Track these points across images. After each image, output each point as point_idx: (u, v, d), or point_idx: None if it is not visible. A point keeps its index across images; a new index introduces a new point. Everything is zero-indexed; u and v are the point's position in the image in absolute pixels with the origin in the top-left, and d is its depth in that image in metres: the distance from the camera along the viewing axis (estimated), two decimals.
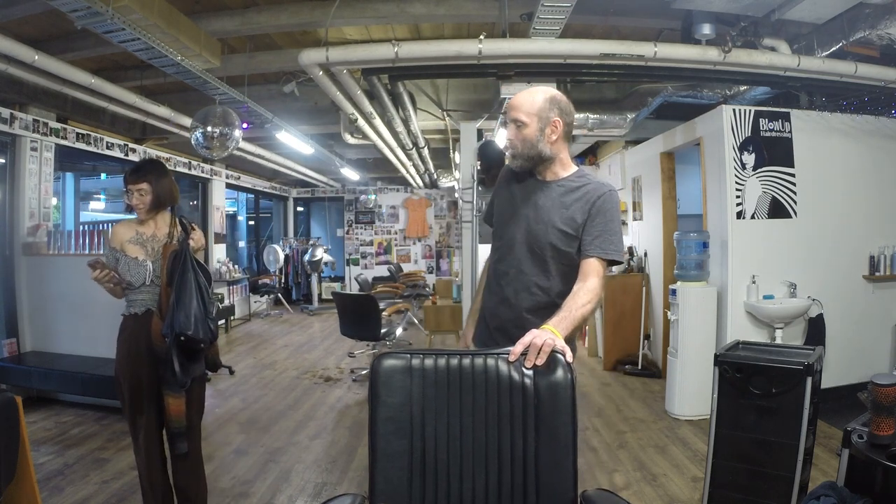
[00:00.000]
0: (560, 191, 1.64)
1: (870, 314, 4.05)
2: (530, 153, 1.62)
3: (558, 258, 1.61)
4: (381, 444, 1.26)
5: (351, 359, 5.69)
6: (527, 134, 1.60)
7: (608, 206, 1.59)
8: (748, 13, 3.15)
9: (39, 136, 4.40)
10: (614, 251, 1.58)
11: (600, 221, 1.57)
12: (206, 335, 2.10)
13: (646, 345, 5.10)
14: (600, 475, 2.91)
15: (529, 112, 1.59)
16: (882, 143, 4.10)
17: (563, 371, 1.30)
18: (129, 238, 2.21)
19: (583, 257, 1.58)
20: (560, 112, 1.61)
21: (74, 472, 2.94)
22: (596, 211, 1.58)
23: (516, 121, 1.60)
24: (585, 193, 1.61)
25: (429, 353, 1.32)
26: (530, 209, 1.66)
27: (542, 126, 1.59)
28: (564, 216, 1.60)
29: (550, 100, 1.61)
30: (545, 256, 1.62)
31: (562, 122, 1.61)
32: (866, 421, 1.69)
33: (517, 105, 1.61)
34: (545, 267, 1.62)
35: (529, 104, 1.60)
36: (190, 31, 3.29)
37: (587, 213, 1.58)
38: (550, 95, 1.62)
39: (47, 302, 4.24)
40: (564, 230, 1.60)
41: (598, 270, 1.55)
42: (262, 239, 10.94)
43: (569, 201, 1.62)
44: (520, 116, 1.60)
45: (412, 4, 3.34)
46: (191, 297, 2.08)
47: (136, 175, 2.17)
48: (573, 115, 1.67)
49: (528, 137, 1.60)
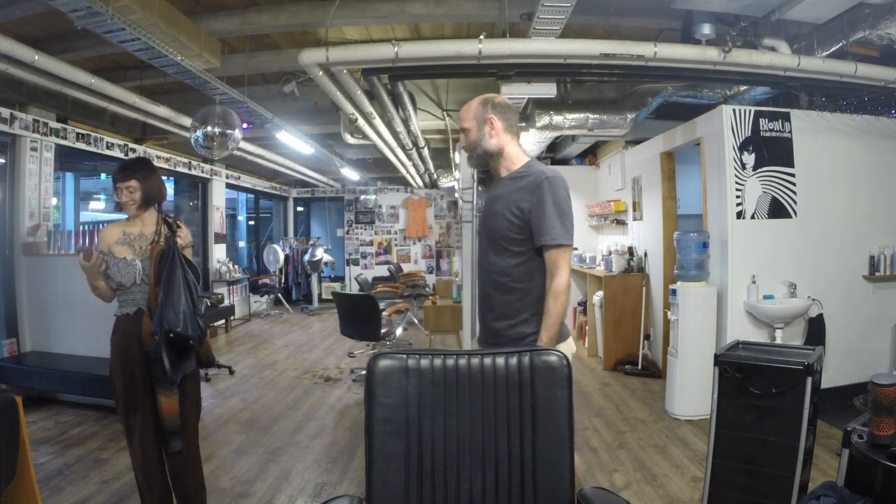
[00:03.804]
0: (512, 184, 1.80)
1: (870, 314, 4.05)
2: (477, 152, 1.83)
3: (512, 245, 1.75)
4: (377, 445, 1.26)
5: (351, 359, 5.69)
6: (471, 137, 1.81)
7: (550, 191, 1.71)
8: (748, 13, 3.15)
9: (39, 136, 4.40)
10: (561, 235, 1.70)
11: (543, 209, 1.70)
12: (196, 332, 2.11)
13: (646, 345, 5.10)
14: (600, 475, 2.90)
15: (468, 118, 1.82)
16: (882, 143, 4.10)
17: (560, 370, 1.30)
18: (117, 239, 2.23)
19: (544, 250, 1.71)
20: (494, 109, 1.79)
21: (74, 472, 2.94)
22: (538, 199, 1.70)
23: (463, 129, 1.84)
24: (529, 183, 1.75)
25: (425, 353, 1.32)
26: (490, 204, 1.85)
27: (481, 126, 1.80)
28: (512, 206, 1.74)
29: (483, 102, 1.81)
30: (501, 245, 1.77)
31: (497, 119, 1.79)
32: (866, 421, 1.68)
33: (461, 116, 1.85)
34: (503, 255, 1.77)
35: (468, 111, 1.83)
36: (190, 31, 3.29)
37: (531, 201, 1.71)
38: (484, 98, 1.83)
39: (47, 302, 4.24)
40: (512, 220, 1.73)
41: (558, 261, 1.70)
42: (262, 239, 10.94)
43: (516, 191, 1.76)
44: (464, 124, 1.83)
45: (412, 4, 3.33)
46: (179, 294, 2.09)
47: (125, 173, 2.20)
48: (511, 110, 1.84)
49: (473, 139, 1.81)
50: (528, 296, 1.75)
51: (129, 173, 2.20)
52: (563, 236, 1.70)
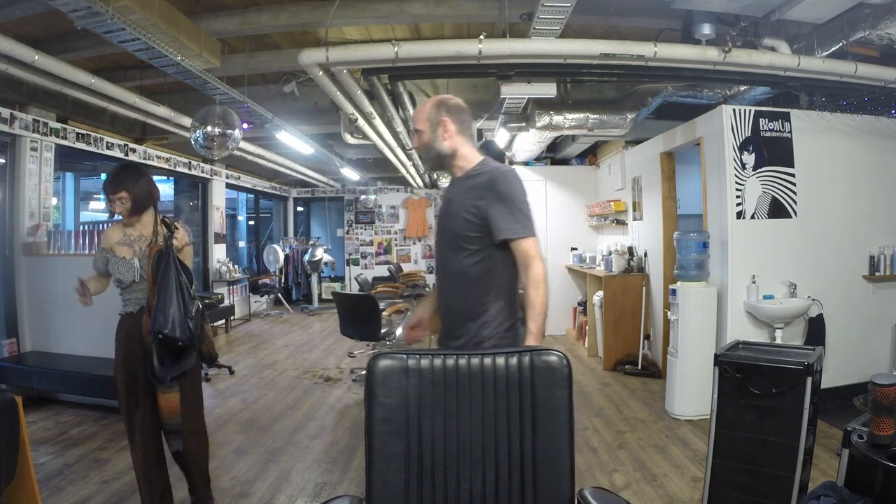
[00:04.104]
0: (466, 183, 1.79)
1: (870, 314, 4.05)
2: (431, 153, 1.82)
3: (470, 244, 1.72)
4: (377, 446, 1.26)
5: (351, 359, 5.69)
6: (424, 139, 1.81)
7: (504, 187, 1.70)
8: (748, 13, 3.15)
9: (39, 136, 4.40)
10: (522, 228, 1.69)
11: (499, 204, 1.68)
12: (184, 334, 2.14)
13: (646, 345, 5.10)
14: (600, 475, 2.91)
15: (421, 120, 1.80)
16: (882, 143, 4.10)
17: (560, 370, 1.30)
18: (118, 240, 2.30)
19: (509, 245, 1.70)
20: (448, 112, 1.79)
21: (74, 472, 2.94)
22: (494, 195, 1.69)
23: (416, 130, 1.83)
24: (482, 180, 1.74)
25: (425, 353, 1.32)
26: (446, 205, 1.85)
27: (434, 128, 1.78)
28: (468, 205, 1.73)
29: (436, 104, 1.81)
30: (459, 245, 1.74)
31: (451, 121, 1.78)
32: (866, 421, 1.68)
33: (414, 117, 1.85)
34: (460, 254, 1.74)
35: (421, 113, 1.82)
36: (190, 31, 3.29)
37: (486, 197, 1.70)
38: (437, 100, 1.82)
39: (47, 302, 4.24)
40: (469, 218, 1.72)
41: (527, 253, 1.68)
42: (262, 239, 10.94)
43: (471, 190, 1.75)
44: (417, 125, 1.82)
45: (412, 4, 3.33)
46: (171, 296, 2.14)
47: (113, 185, 2.25)
48: (465, 112, 1.83)
49: (425, 142, 1.81)
50: (488, 295, 1.72)
51: (117, 184, 2.24)
52: (524, 229, 1.70)
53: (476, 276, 1.72)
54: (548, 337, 6.21)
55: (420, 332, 1.97)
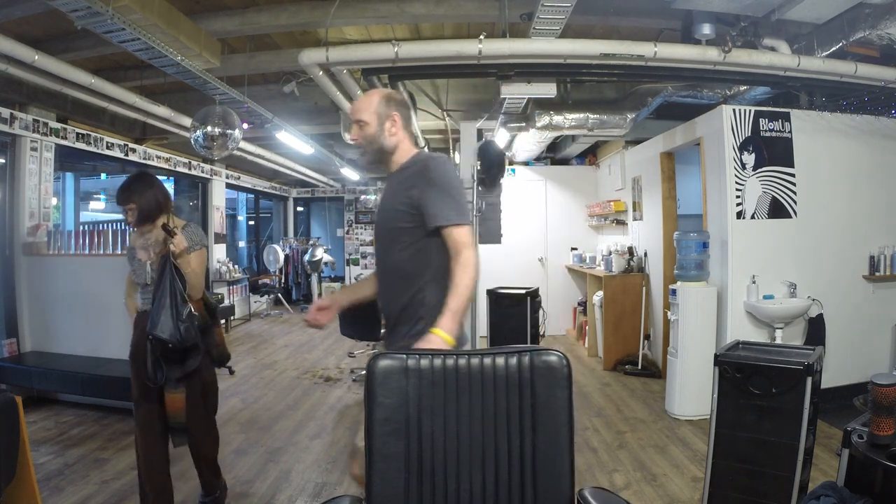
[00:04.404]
0: (400, 176, 1.75)
1: (870, 314, 4.05)
2: (374, 147, 1.74)
3: (404, 236, 1.68)
4: (377, 446, 1.26)
5: (351, 359, 5.69)
6: (369, 132, 1.73)
7: (436, 174, 1.65)
8: (748, 13, 3.15)
9: (39, 136, 4.40)
10: (456, 215, 1.62)
11: (433, 191, 1.63)
12: (173, 337, 2.21)
13: (646, 345, 5.10)
14: (600, 475, 2.90)
15: (368, 111, 1.73)
16: (882, 143, 4.10)
17: (560, 370, 1.29)
18: (140, 243, 2.42)
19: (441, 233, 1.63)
20: (396, 106, 1.75)
21: (74, 472, 2.94)
22: (426, 182, 1.64)
23: (359, 121, 1.74)
24: (414, 171, 1.70)
25: (425, 353, 1.32)
26: (383, 202, 1.81)
27: (382, 122, 1.73)
28: (402, 196, 1.68)
29: (387, 98, 1.76)
30: (395, 238, 1.69)
31: (399, 116, 1.75)
32: (866, 421, 1.68)
33: (359, 108, 1.76)
34: (396, 248, 1.69)
35: (368, 104, 1.74)
36: (190, 31, 3.29)
37: (418, 186, 1.65)
38: (386, 94, 1.78)
39: (47, 302, 4.24)
40: (402, 210, 1.67)
41: (459, 240, 1.61)
42: (262, 239, 10.93)
43: (404, 181, 1.71)
44: (361, 116, 1.73)
45: (412, 4, 3.33)
46: (164, 300, 2.23)
47: (123, 197, 2.35)
48: (409, 108, 1.81)
49: (371, 134, 1.73)
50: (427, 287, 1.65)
51: (126, 196, 2.35)
52: (457, 216, 1.62)
53: (413, 269, 1.67)
54: (548, 337, 6.21)
55: (326, 317, 1.86)
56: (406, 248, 1.67)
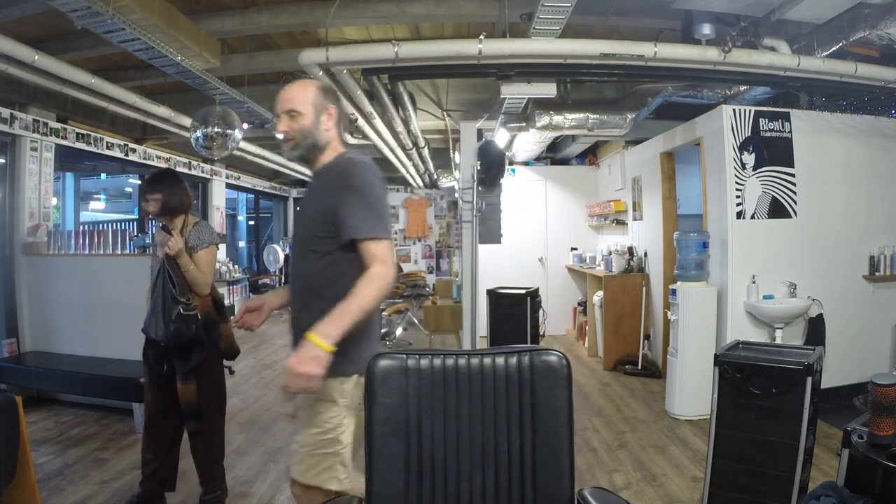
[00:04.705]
0: (320, 178, 1.64)
1: (870, 314, 4.05)
2: (307, 142, 1.61)
3: (320, 246, 1.54)
4: (377, 445, 1.26)
5: None
6: (303, 123, 1.59)
7: (357, 180, 1.51)
8: (748, 13, 3.15)
9: (39, 136, 4.40)
10: (374, 227, 1.48)
11: (351, 199, 1.49)
12: (161, 335, 2.33)
13: (646, 345, 5.10)
14: (600, 475, 2.91)
15: (304, 102, 1.60)
16: (882, 143, 4.10)
17: (560, 370, 1.30)
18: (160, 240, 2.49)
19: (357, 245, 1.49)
20: (333, 99, 1.64)
21: (74, 472, 2.94)
22: (345, 189, 1.51)
23: (291, 111, 1.60)
24: (334, 175, 1.57)
25: (424, 353, 1.32)
26: (301, 204, 1.71)
27: (318, 114, 1.60)
28: (318, 202, 1.57)
29: (324, 89, 1.64)
30: (309, 247, 1.57)
31: (335, 110, 1.64)
32: (866, 421, 1.68)
33: (291, 97, 1.61)
34: (311, 258, 1.57)
35: (304, 94, 1.60)
36: (190, 31, 3.29)
37: (335, 194, 1.52)
38: (322, 85, 1.66)
39: (47, 302, 4.24)
40: (318, 217, 1.55)
41: (375, 255, 1.47)
42: (262, 239, 10.93)
43: (323, 185, 1.59)
44: (296, 107, 1.59)
45: (412, 4, 3.33)
46: (157, 301, 2.36)
47: (151, 185, 2.48)
48: (340, 100, 1.69)
49: (305, 127, 1.60)
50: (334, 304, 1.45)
51: (153, 185, 2.47)
52: (373, 228, 1.48)
53: (324, 282, 1.52)
54: (548, 337, 6.21)
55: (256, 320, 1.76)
56: (319, 260, 1.53)
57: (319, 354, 1.33)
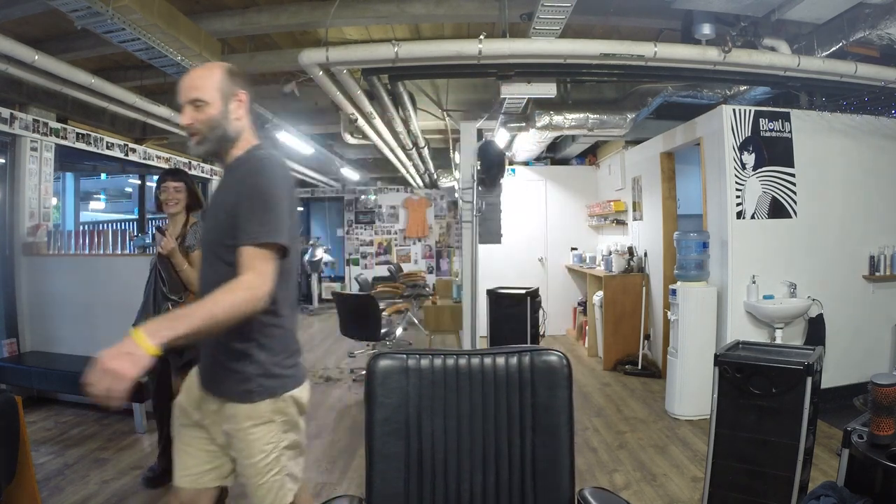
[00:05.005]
0: (228, 176, 1.46)
1: (870, 314, 4.05)
2: (215, 134, 1.41)
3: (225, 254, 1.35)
4: (377, 445, 1.26)
5: (351, 359, 5.69)
6: (211, 113, 1.39)
7: (258, 179, 1.34)
8: (748, 13, 3.15)
9: (39, 136, 4.40)
10: (262, 231, 1.28)
11: (248, 199, 1.32)
12: None
13: (646, 345, 5.10)
14: (600, 475, 2.90)
15: (208, 88, 1.39)
16: (882, 143, 4.10)
17: (560, 370, 1.30)
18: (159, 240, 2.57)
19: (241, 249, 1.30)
20: (243, 83, 1.46)
21: (74, 472, 2.94)
22: (246, 187, 1.34)
23: (196, 101, 1.38)
24: (242, 172, 1.40)
25: (425, 353, 1.32)
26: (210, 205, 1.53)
27: (227, 102, 1.41)
28: (221, 204, 1.41)
29: (231, 72, 1.44)
30: (215, 254, 1.39)
31: (246, 95, 1.46)
32: (866, 421, 1.68)
33: (195, 84, 1.40)
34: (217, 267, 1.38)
35: (209, 80, 1.40)
36: (190, 31, 3.29)
37: (237, 192, 1.35)
38: (228, 68, 1.45)
39: (47, 302, 4.24)
40: (222, 219, 1.37)
41: (251, 262, 1.27)
42: None
43: (228, 185, 1.43)
44: (201, 95, 1.38)
45: (412, 4, 3.33)
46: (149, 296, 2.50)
47: (175, 175, 2.64)
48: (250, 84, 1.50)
49: (213, 117, 1.39)
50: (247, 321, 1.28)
51: (179, 176, 2.64)
52: (263, 232, 1.28)
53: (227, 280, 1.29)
54: (548, 337, 6.21)
55: None
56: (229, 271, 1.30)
57: (138, 353, 1.07)
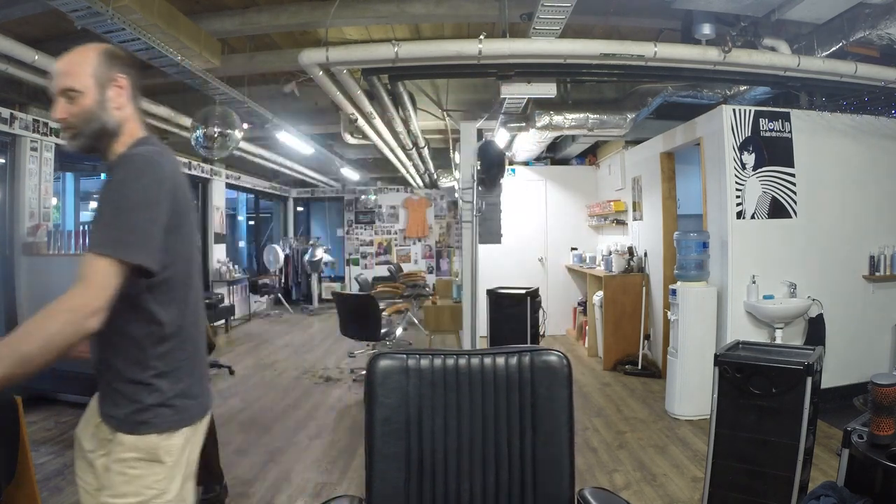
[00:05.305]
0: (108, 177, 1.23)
1: (870, 314, 4.05)
2: (92, 128, 1.19)
3: None
4: (377, 445, 1.26)
5: (351, 359, 5.69)
6: (84, 104, 1.17)
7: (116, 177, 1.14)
8: (748, 13, 3.15)
9: (39, 136, 4.40)
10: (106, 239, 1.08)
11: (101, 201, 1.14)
12: None
13: (646, 345, 5.10)
14: (600, 475, 2.91)
15: (81, 74, 1.18)
16: (882, 143, 4.10)
17: (560, 370, 1.30)
18: None
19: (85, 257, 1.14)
20: (122, 67, 1.23)
21: (74, 472, 2.94)
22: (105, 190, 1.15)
23: (68, 91, 1.17)
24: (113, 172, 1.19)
25: (425, 353, 1.32)
26: None
27: (103, 89, 1.19)
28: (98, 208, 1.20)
29: (107, 54, 1.22)
30: None
31: (126, 79, 1.23)
32: (866, 421, 1.68)
33: (66, 70, 1.18)
34: None
35: (81, 66, 1.18)
36: (190, 31, 3.29)
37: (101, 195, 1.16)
38: (105, 49, 1.23)
39: (47, 302, 4.21)
40: None
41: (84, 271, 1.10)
42: (262, 239, 10.94)
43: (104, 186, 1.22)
44: (73, 84, 1.17)
45: (412, 4, 3.33)
46: None
47: None
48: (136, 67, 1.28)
49: (87, 108, 1.18)
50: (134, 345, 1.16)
51: None
52: (105, 241, 1.08)
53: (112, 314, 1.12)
54: (548, 337, 6.21)
55: None
56: None
57: None
